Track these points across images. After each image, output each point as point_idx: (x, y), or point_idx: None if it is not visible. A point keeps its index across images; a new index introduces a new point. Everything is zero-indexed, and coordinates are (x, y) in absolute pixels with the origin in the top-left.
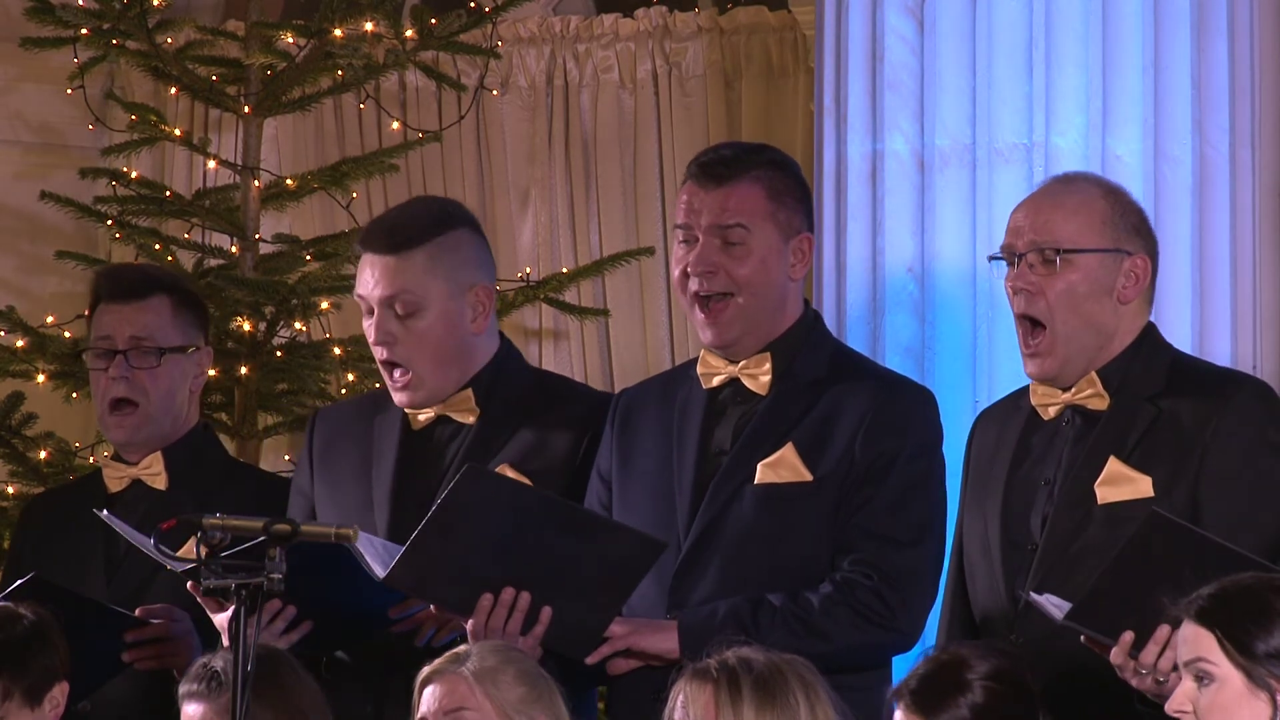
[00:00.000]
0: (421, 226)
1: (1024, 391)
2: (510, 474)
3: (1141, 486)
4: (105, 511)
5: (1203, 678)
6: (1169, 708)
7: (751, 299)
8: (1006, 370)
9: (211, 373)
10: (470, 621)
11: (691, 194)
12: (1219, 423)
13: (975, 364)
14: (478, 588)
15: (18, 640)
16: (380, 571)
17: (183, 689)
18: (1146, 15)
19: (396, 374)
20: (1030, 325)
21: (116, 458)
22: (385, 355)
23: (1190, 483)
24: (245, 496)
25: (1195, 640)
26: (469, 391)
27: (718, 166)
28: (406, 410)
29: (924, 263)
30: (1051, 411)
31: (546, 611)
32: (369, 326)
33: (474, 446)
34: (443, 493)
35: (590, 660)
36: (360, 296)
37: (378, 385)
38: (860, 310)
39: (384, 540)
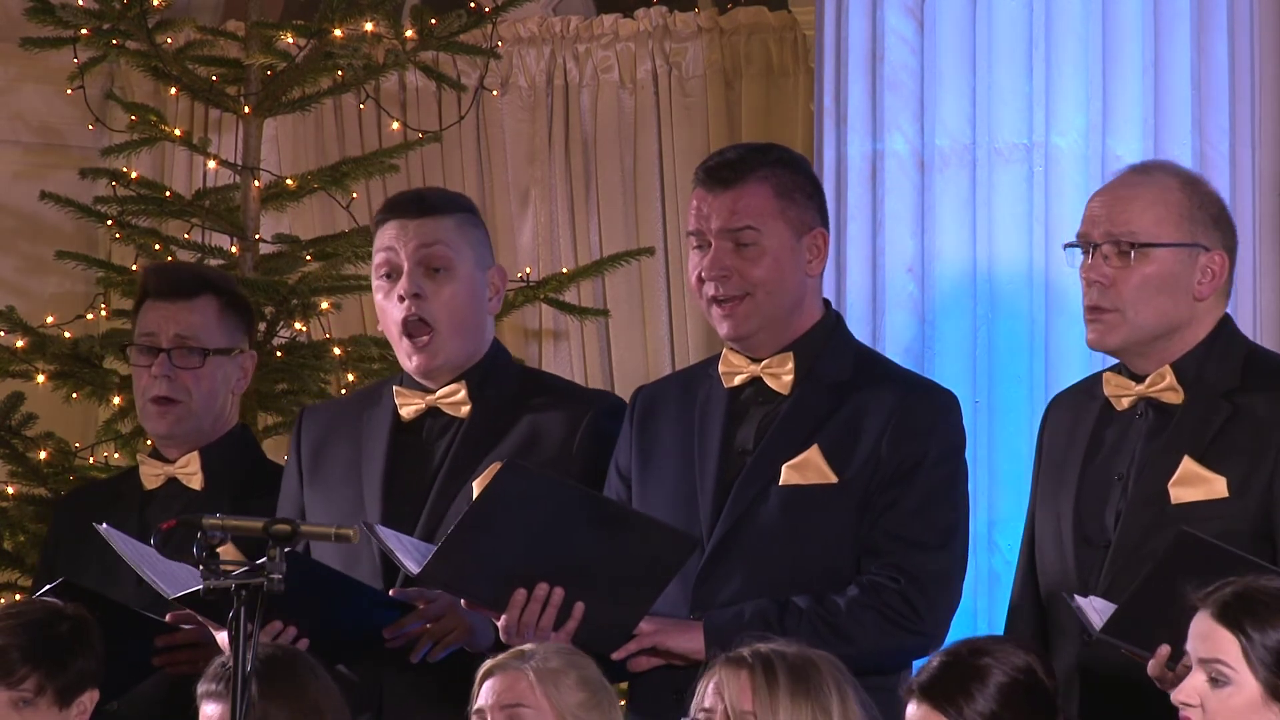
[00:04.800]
0: (447, 199)
1: (1098, 379)
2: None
3: (1216, 487)
4: (105, 525)
5: (1218, 679)
6: (1176, 697)
7: (767, 297)
8: (1007, 370)
9: None
10: (503, 617)
11: (700, 199)
12: None
13: (975, 364)
14: (512, 583)
15: (59, 639)
16: (414, 568)
17: (200, 688)
18: (1146, 15)
19: (420, 336)
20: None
21: (155, 454)
22: (413, 310)
23: (1265, 481)
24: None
25: (1214, 639)
26: (462, 384)
27: (723, 170)
28: (398, 401)
29: (924, 263)
30: (1125, 403)
31: (579, 608)
32: (393, 292)
33: (467, 442)
34: (482, 488)
35: (616, 656)
36: (386, 261)
37: None
38: (860, 310)
39: (414, 539)
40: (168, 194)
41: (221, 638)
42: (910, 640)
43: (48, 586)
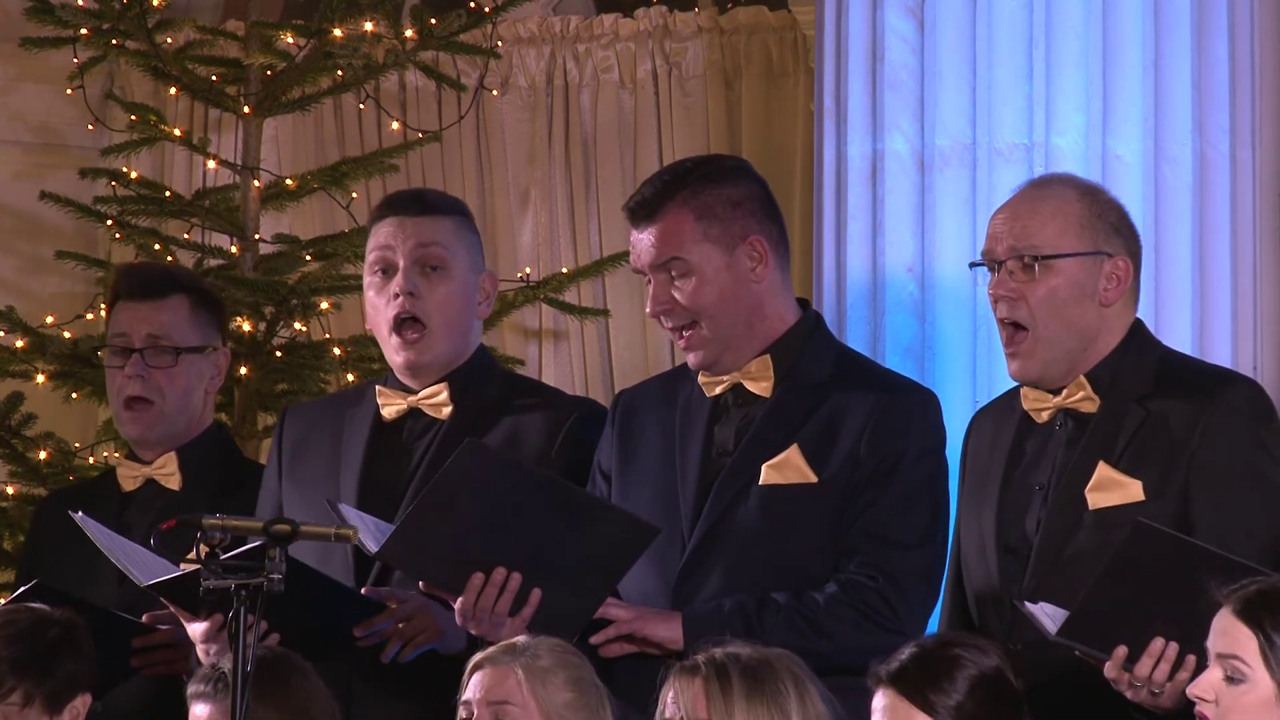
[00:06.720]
0: (445, 200)
1: (1017, 392)
2: None
3: (1132, 491)
4: (80, 514)
5: (1234, 676)
6: (1191, 690)
7: (714, 321)
8: (1006, 370)
9: None
10: (460, 600)
11: (633, 238)
12: (1207, 423)
13: (975, 364)
14: (469, 566)
15: (44, 647)
16: (373, 547)
17: (190, 689)
18: (1146, 15)
19: (411, 332)
20: (1013, 328)
21: (131, 456)
22: (406, 308)
23: (1180, 485)
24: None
25: (1234, 636)
26: (444, 385)
27: (640, 208)
28: (380, 401)
29: (924, 263)
30: (1044, 415)
31: (536, 593)
32: (387, 288)
33: (446, 443)
34: (442, 468)
35: (594, 640)
36: (381, 258)
37: None
38: (860, 310)
39: (375, 518)
40: (168, 194)
41: (193, 629)
42: (887, 638)
43: (21, 589)
